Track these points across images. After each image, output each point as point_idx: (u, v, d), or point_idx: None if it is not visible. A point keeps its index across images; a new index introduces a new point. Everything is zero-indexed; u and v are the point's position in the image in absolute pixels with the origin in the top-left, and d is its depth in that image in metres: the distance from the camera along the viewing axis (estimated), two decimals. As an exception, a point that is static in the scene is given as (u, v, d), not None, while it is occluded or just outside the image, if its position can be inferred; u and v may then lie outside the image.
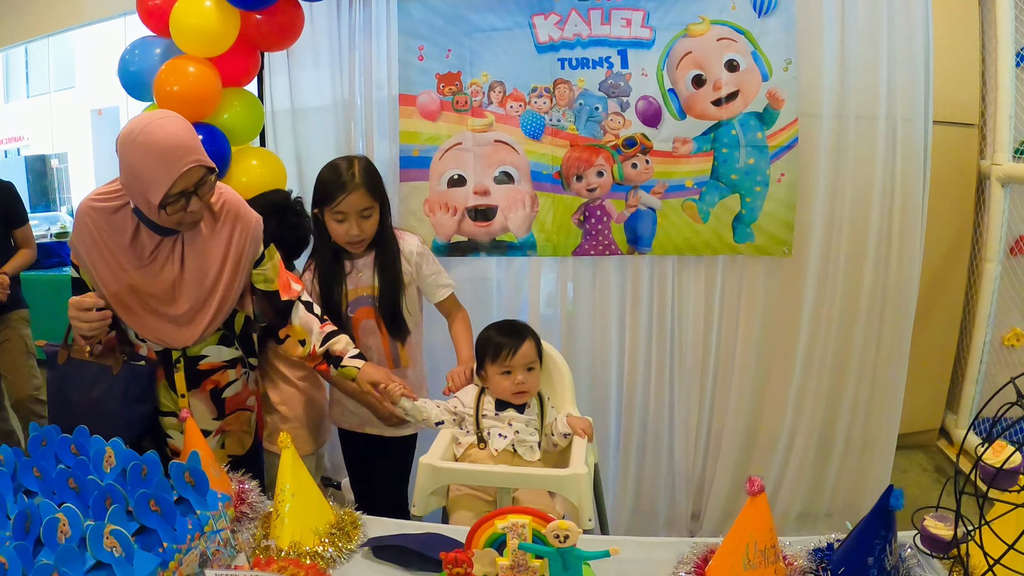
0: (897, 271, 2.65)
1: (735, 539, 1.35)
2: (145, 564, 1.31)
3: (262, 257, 1.89)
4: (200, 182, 1.64)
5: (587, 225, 2.69)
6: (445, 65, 2.66)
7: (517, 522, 1.17)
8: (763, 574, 1.32)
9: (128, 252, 1.74)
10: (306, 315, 1.99)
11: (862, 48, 2.53)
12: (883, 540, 1.30)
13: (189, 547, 1.40)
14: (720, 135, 2.59)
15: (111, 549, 1.27)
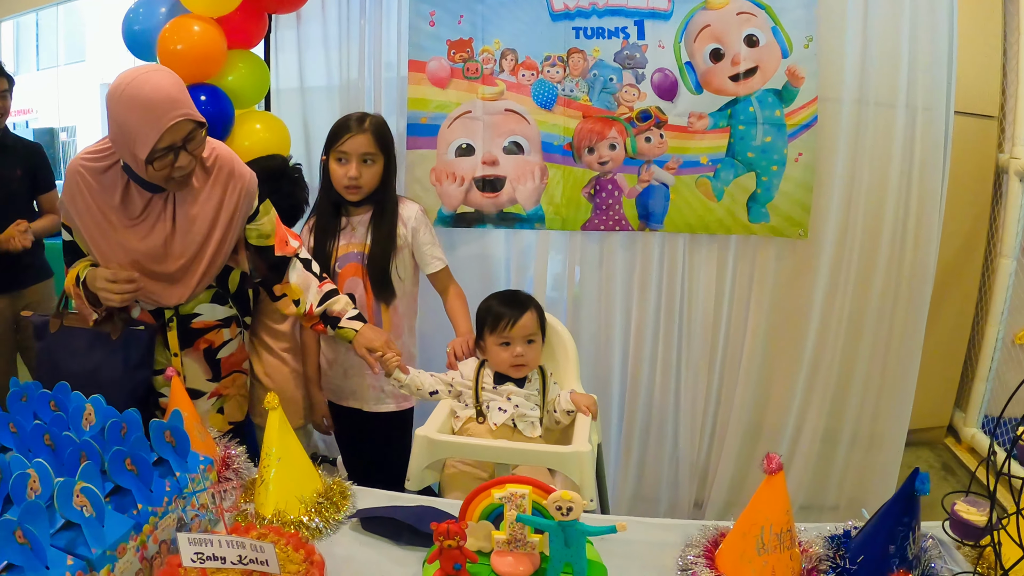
0: (912, 262, 2.53)
1: (748, 521, 1.24)
2: (117, 526, 1.21)
3: (256, 212, 1.82)
4: (189, 137, 1.57)
5: (597, 199, 2.58)
6: (456, 32, 2.54)
7: (516, 492, 1.07)
8: (778, 560, 1.21)
9: (118, 211, 1.67)
10: (303, 273, 1.91)
11: (884, 27, 2.40)
12: (906, 528, 1.19)
13: (166, 510, 1.30)
14: (737, 111, 2.47)
15: (81, 508, 1.16)
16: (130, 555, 1.22)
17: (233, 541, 1.07)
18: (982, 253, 3.13)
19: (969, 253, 3.13)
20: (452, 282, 2.27)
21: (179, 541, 1.08)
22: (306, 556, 1.17)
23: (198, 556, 1.09)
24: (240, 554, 1.08)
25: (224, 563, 1.09)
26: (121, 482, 1.25)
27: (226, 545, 1.08)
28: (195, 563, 1.09)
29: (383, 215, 2.17)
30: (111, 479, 1.26)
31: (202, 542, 1.08)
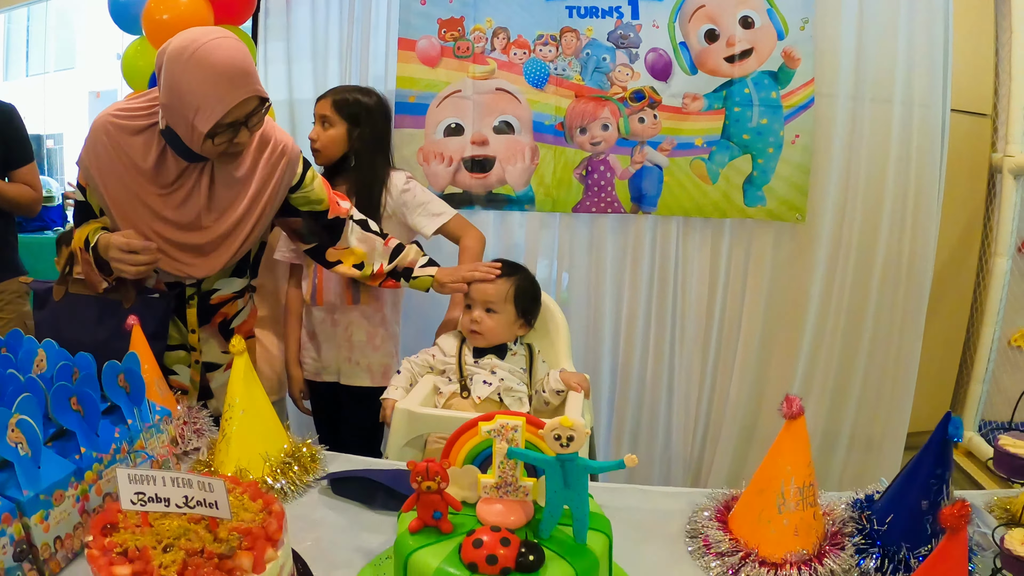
0: (911, 251, 2.42)
1: (766, 475, 1.10)
2: (56, 469, 1.05)
3: (301, 181, 1.65)
4: (252, 112, 1.42)
5: (589, 180, 2.45)
6: (448, 10, 2.44)
7: (507, 423, 0.91)
8: (800, 519, 1.07)
9: (150, 176, 1.49)
10: (363, 234, 1.78)
11: (880, 11, 2.33)
12: (939, 480, 1.04)
13: (113, 459, 1.14)
14: (732, 93, 2.37)
15: (16, 445, 1.00)
16: (68, 504, 1.05)
17: (179, 479, 0.91)
18: (977, 253, 3.03)
19: (964, 253, 3.03)
20: (467, 229, 2.10)
21: (118, 477, 0.92)
22: (264, 506, 1.00)
23: (139, 497, 0.92)
24: (186, 494, 0.91)
25: (168, 506, 0.92)
26: (64, 422, 1.09)
27: (171, 484, 0.91)
28: (135, 505, 0.92)
29: (360, 180, 2.06)
30: (54, 421, 1.10)
31: (144, 479, 0.92)
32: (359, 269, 1.79)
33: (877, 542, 1.07)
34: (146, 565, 0.86)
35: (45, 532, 1.02)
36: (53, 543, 1.04)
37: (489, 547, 0.84)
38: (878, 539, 1.08)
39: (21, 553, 0.99)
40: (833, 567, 1.03)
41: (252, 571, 0.88)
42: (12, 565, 0.97)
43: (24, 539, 0.99)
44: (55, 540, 1.04)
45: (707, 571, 1.08)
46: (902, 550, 1.04)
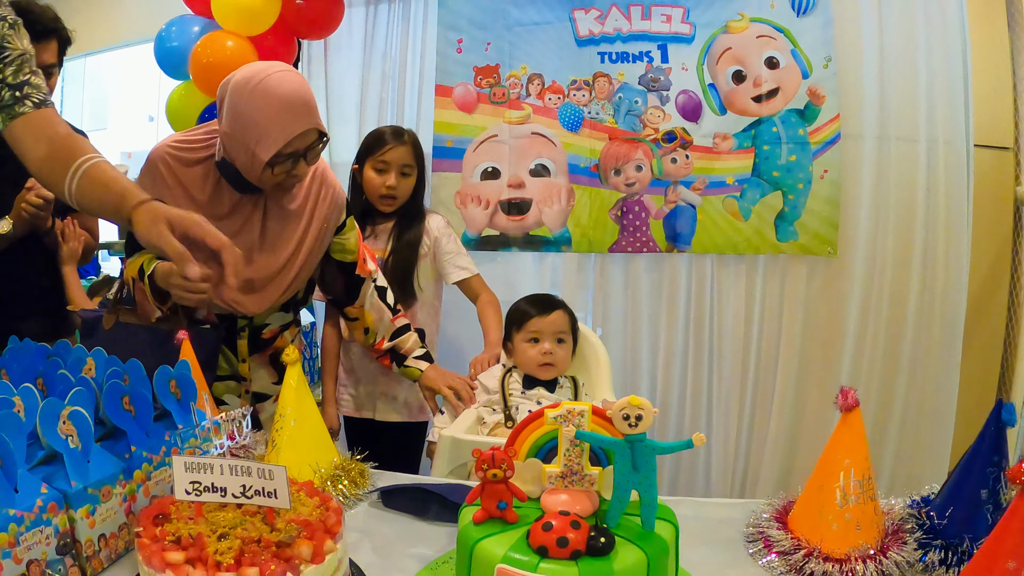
0: (945, 281, 2.36)
1: (825, 471, 1.04)
2: (105, 465, 1.01)
3: (343, 225, 1.64)
4: (311, 146, 1.41)
5: (625, 221, 2.44)
6: (483, 58, 2.50)
7: (573, 408, 0.86)
8: (862, 512, 1.00)
9: (204, 207, 1.45)
10: (378, 303, 1.75)
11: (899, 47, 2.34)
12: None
13: (162, 461, 1.09)
14: (761, 132, 2.37)
15: (66, 437, 0.96)
16: (115, 502, 1.00)
17: (237, 466, 0.86)
18: (1006, 287, 2.94)
19: (993, 287, 2.94)
20: (484, 290, 2.09)
21: (174, 465, 0.87)
22: (321, 502, 0.95)
23: (194, 486, 0.87)
24: (244, 483, 0.86)
25: (224, 495, 0.87)
26: (116, 420, 1.05)
27: (228, 472, 0.86)
28: (190, 495, 0.88)
29: (409, 225, 2.06)
30: (105, 421, 1.06)
31: (200, 467, 0.87)
32: (366, 334, 1.77)
33: (939, 535, 1.01)
34: (201, 552, 0.81)
35: (90, 528, 0.97)
36: (97, 540, 0.98)
37: (559, 530, 0.78)
38: (939, 533, 1.01)
39: (65, 547, 0.94)
40: (898, 559, 0.97)
41: (311, 561, 0.82)
42: (55, 558, 0.92)
43: (69, 532, 0.94)
44: (99, 538, 0.98)
45: (770, 571, 1.00)
46: (964, 541, 0.98)
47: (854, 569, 0.95)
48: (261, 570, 0.79)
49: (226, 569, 0.79)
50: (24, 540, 0.88)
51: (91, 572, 0.98)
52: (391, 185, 1.99)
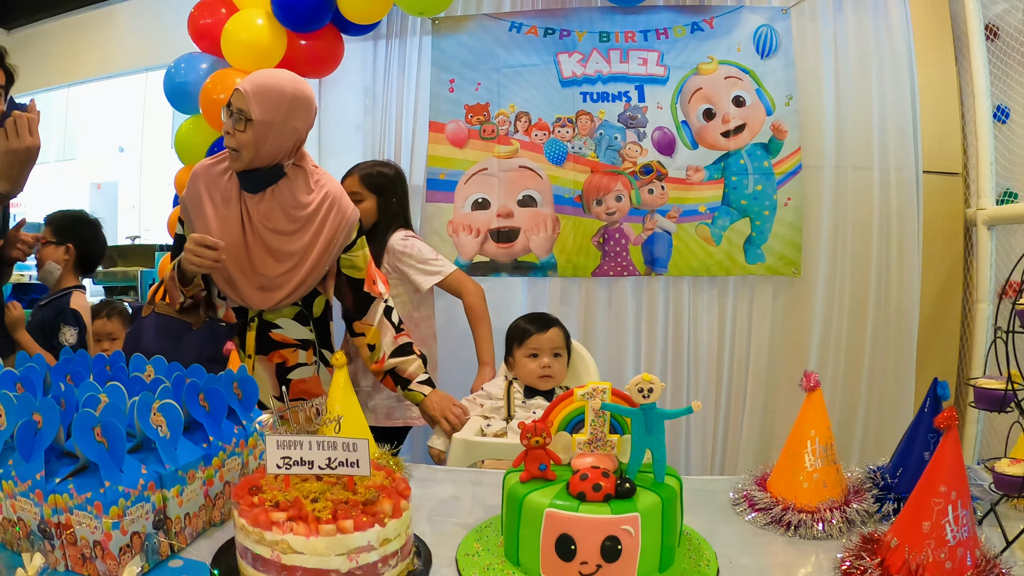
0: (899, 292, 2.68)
1: (795, 441, 1.30)
2: (189, 451, 1.20)
3: (353, 244, 1.86)
4: (240, 113, 1.64)
5: (606, 247, 2.71)
6: (474, 97, 2.77)
7: (597, 387, 1.11)
8: (827, 472, 1.27)
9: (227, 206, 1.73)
10: (384, 320, 1.93)
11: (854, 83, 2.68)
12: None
13: (233, 451, 1.29)
14: (729, 164, 2.68)
15: (157, 427, 1.16)
16: (197, 485, 1.20)
17: (324, 442, 1.07)
18: (959, 303, 3.26)
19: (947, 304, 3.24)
20: (465, 286, 2.27)
21: (267, 443, 1.08)
22: (387, 475, 1.16)
23: (285, 461, 1.08)
24: (330, 456, 1.07)
25: (311, 468, 1.08)
26: (195, 414, 1.25)
27: (316, 447, 1.07)
28: (281, 469, 1.08)
29: (376, 247, 2.25)
30: (183, 408, 1.25)
31: (291, 445, 1.07)
32: (371, 350, 1.94)
33: (891, 491, 1.27)
34: (300, 511, 1.01)
35: (179, 506, 1.16)
36: (184, 518, 1.17)
37: (593, 479, 1.01)
38: (892, 489, 1.28)
39: (159, 522, 1.12)
40: (859, 509, 1.23)
41: (392, 515, 1.03)
42: (151, 532, 1.11)
43: (162, 509, 1.13)
44: (185, 516, 1.17)
45: (754, 524, 1.24)
46: None
47: (824, 516, 1.20)
48: (355, 522, 0.99)
49: (326, 522, 1.00)
50: (130, 513, 1.07)
51: (177, 546, 1.16)
52: None
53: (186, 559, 1.15)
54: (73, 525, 1.06)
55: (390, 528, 1.02)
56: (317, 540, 0.98)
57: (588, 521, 0.98)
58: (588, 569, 0.98)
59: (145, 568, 1.10)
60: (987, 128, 2.96)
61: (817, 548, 1.18)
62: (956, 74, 3.04)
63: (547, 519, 1.00)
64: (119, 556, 1.05)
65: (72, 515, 1.06)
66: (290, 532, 0.99)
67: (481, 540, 1.16)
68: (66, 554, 1.08)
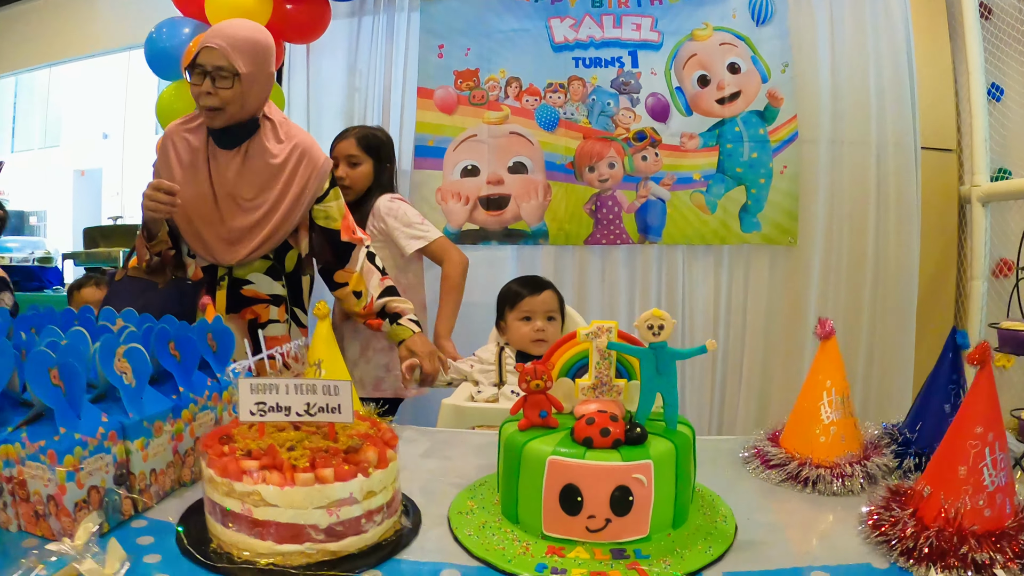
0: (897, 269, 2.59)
1: (810, 391, 1.20)
2: (157, 402, 1.07)
3: (326, 195, 1.77)
4: (218, 70, 1.56)
5: (599, 215, 2.60)
6: (463, 63, 2.64)
7: (602, 326, 0.99)
8: (844, 426, 1.16)
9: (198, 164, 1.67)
10: (368, 265, 1.85)
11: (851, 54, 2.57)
12: (956, 385, 1.17)
13: (205, 404, 1.17)
14: (724, 131, 2.57)
15: (121, 373, 1.03)
16: (165, 439, 1.07)
17: (302, 385, 0.95)
18: (953, 281, 3.18)
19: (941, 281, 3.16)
20: (448, 255, 2.15)
21: (240, 388, 0.95)
22: (372, 424, 1.04)
23: (259, 407, 0.96)
24: (308, 401, 0.95)
25: (288, 414, 0.96)
26: (165, 363, 1.12)
27: (293, 391, 0.95)
28: (255, 416, 0.96)
29: (361, 211, 2.16)
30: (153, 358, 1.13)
31: (266, 389, 0.95)
32: (357, 297, 1.85)
33: (911, 446, 1.17)
34: (275, 459, 0.89)
35: (143, 461, 1.03)
36: (149, 474, 1.04)
37: (601, 423, 0.90)
38: (911, 444, 1.18)
39: (121, 477, 1.00)
40: (879, 464, 1.12)
41: (377, 465, 0.91)
42: (112, 488, 0.98)
43: (125, 463, 1.01)
44: (151, 472, 1.05)
45: (768, 481, 1.14)
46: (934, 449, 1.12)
47: (844, 471, 1.09)
48: (336, 471, 0.87)
49: (303, 471, 0.87)
50: (87, 465, 0.94)
51: (142, 505, 1.04)
52: (339, 176, 2.12)
53: (151, 519, 1.03)
54: (25, 478, 0.93)
55: (375, 479, 0.90)
56: (293, 491, 0.86)
57: (596, 469, 0.87)
58: (596, 523, 0.87)
59: (104, 527, 0.97)
60: (982, 104, 2.88)
61: (836, 504, 1.08)
62: (950, 51, 2.96)
63: (550, 468, 0.88)
64: (74, 513, 0.92)
65: (24, 467, 0.93)
66: (263, 482, 0.87)
67: (475, 498, 1.04)
68: (19, 512, 0.96)
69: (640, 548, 0.87)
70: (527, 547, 0.87)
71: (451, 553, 0.90)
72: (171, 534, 0.97)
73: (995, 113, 2.90)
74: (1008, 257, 3.02)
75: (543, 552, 0.86)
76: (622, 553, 0.86)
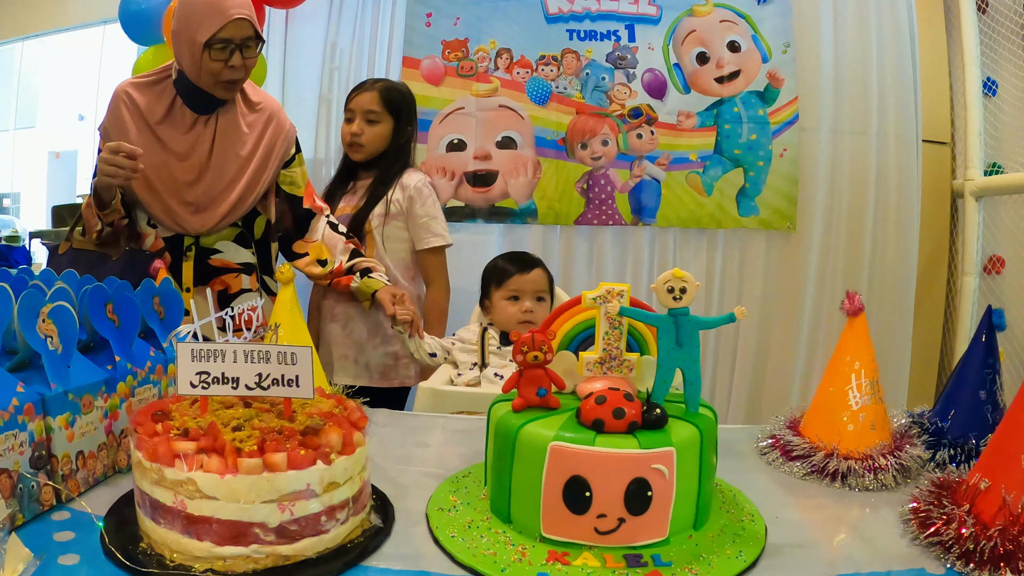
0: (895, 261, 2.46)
1: (835, 374, 1.04)
2: (87, 373, 0.89)
3: (292, 160, 1.68)
4: (246, 42, 1.46)
5: (591, 194, 2.43)
6: (452, 32, 2.45)
7: (612, 289, 0.82)
8: (875, 413, 1.01)
9: (161, 127, 1.52)
10: (331, 234, 1.74)
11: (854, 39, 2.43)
12: (991, 370, 1.02)
13: (146, 378, 0.98)
14: (723, 111, 2.41)
15: (46, 337, 0.84)
16: (96, 416, 0.89)
17: (254, 351, 0.77)
18: (944, 276, 3.07)
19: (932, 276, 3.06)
20: (438, 277, 1.98)
21: (179, 354, 0.77)
22: (338, 402, 0.86)
23: (201, 378, 0.78)
24: (260, 372, 0.77)
25: (236, 387, 0.78)
26: (99, 328, 0.93)
27: (243, 359, 0.77)
28: (196, 388, 0.78)
29: (383, 179, 1.95)
30: (88, 326, 0.94)
31: (210, 355, 0.77)
32: (322, 266, 1.73)
33: (943, 436, 1.03)
34: (215, 440, 0.71)
35: (68, 441, 0.85)
36: (75, 458, 0.87)
37: (613, 402, 0.73)
38: (943, 434, 1.04)
39: (39, 460, 0.82)
40: (913, 455, 0.98)
41: (341, 451, 0.74)
42: (28, 472, 0.80)
43: (45, 443, 0.83)
44: (77, 455, 0.87)
45: (790, 474, 0.99)
46: (969, 439, 1.01)
47: (877, 463, 0.94)
48: (290, 456, 0.70)
49: (248, 455, 0.70)
50: (-4, 443, 0.76)
51: (66, 495, 0.86)
52: (355, 132, 1.92)
53: (75, 511, 0.85)
54: (-85, 459, 0.76)
55: (338, 467, 0.73)
56: (235, 480, 0.68)
57: (609, 458, 0.70)
58: (607, 524, 0.70)
59: (19, 519, 0.80)
60: (976, 98, 2.76)
61: (870, 500, 0.93)
62: (946, 44, 2.84)
63: (552, 457, 0.71)
64: (-26, 501, 0.74)
65: (-87, 445, 0.75)
66: (199, 469, 0.69)
67: (458, 492, 0.87)
68: (-92, 501, 0.77)
69: (659, 553, 0.71)
70: (523, 552, 0.71)
71: (431, 558, 0.73)
72: (96, 530, 0.79)
73: (989, 107, 2.79)
74: (999, 253, 2.90)
75: (543, 558, 0.70)
76: (638, 559, 0.70)
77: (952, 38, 2.89)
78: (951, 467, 0.97)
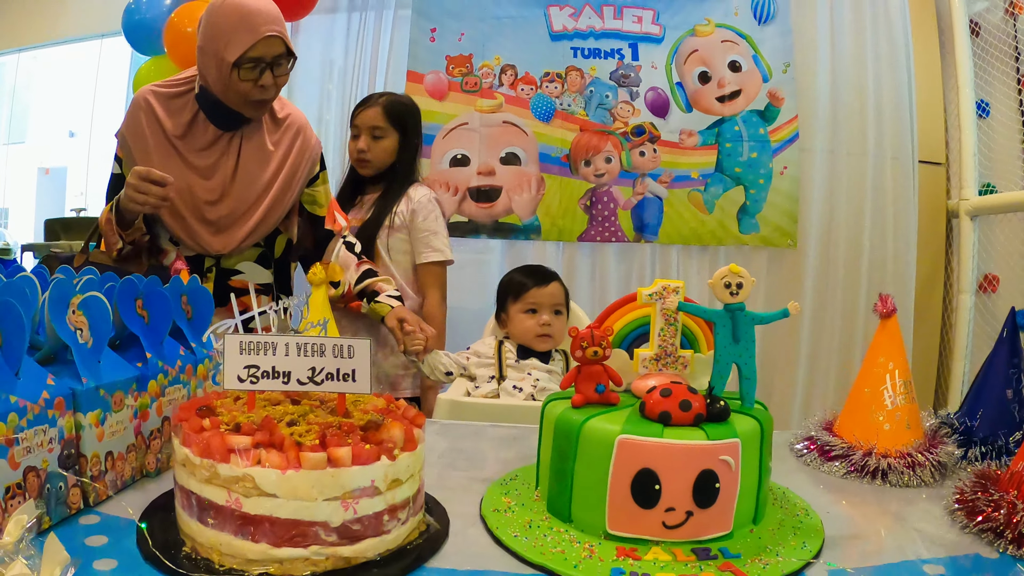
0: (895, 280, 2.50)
1: (870, 374, 1.06)
2: (118, 369, 0.86)
3: (316, 178, 1.62)
4: (277, 60, 1.39)
5: (594, 211, 2.44)
6: (456, 48, 2.46)
7: (669, 285, 0.81)
8: (910, 412, 1.02)
9: (183, 142, 1.44)
10: (345, 254, 1.68)
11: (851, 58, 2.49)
12: (1017, 369, 1.04)
13: (176, 377, 0.95)
14: (724, 130, 2.45)
15: (76, 330, 0.81)
16: (126, 415, 0.86)
17: (308, 344, 0.75)
18: (940, 294, 3.11)
19: (929, 294, 3.10)
20: (432, 292, 1.94)
21: (226, 348, 0.75)
22: (387, 401, 0.84)
23: (250, 372, 0.75)
24: (314, 366, 0.75)
25: (287, 382, 0.75)
26: (130, 324, 0.90)
27: (295, 352, 0.75)
28: (245, 382, 0.75)
29: (390, 192, 1.94)
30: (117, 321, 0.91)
31: (260, 347, 0.75)
32: (335, 287, 1.68)
33: (973, 435, 1.05)
34: (272, 435, 0.69)
35: (98, 440, 0.82)
36: (104, 458, 0.83)
37: (679, 395, 0.72)
38: (973, 433, 1.05)
39: (68, 459, 0.78)
40: (948, 452, 1.00)
41: (404, 447, 0.71)
42: (56, 471, 0.76)
43: (74, 441, 0.79)
44: (107, 456, 0.83)
45: (829, 473, 1.00)
46: (999, 438, 1.02)
47: (916, 460, 0.95)
48: (354, 451, 0.67)
49: (311, 450, 0.67)
50: (24, 439, 0.73)
51: (94, 498, 0.82)
52: (361, 148, 1.91)
53: (105, 514, 0.81)
54: (-56, 456, 0.71)
55: (401, 464, 0.70)
56: (298, 476, 0.66)
57: (679, 450, 0.69)
58: (675, 518, 0.69)
59: (46, 522, 0.76)
60: (971, 119, 2.83)
61: (911, 496, 0.94)
62: (940, 68, 2.92)
63: (620, 451, 0.70)
64: (5, 501, 0.70)
65: (-57, 441, 0.71)
66: (258, 464, 0.66)
67: (510, 494, 0.85)
68: (-66, 501, 0.73)
69: (727, 547, 0.69)
70: (591, 549, 0.69)
71: (494, 558, 0.70)
72: (130, 534, 0.76)
73: (982, 128, 2.86)
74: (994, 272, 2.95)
75: (612, 555, 0.68)
76: (707, 553, 0.68)
77: (946, 61, 2.97)
78: (988, 461, 0.99)
